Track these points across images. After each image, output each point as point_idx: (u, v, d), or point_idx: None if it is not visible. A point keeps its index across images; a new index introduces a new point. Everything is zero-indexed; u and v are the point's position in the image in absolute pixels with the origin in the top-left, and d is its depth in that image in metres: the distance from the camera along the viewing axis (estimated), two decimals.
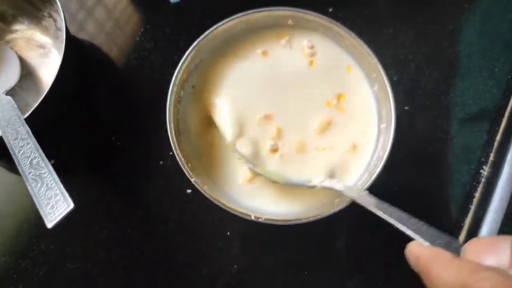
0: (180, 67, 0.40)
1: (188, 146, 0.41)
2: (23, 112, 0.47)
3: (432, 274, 0.24)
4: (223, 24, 0.41)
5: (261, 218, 0.37)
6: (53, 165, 0.46)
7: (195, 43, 0.40)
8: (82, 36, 0.52)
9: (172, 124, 0.39)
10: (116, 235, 0.45)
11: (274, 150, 0.40)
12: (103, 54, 0.51)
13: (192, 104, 0.42)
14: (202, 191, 0.37)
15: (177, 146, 0.38)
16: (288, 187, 0.40)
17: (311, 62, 0.43)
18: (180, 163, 0.38)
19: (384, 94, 0.39)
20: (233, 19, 0.42)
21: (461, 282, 0.22)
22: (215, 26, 0.41)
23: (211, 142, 0.42)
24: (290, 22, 0.43)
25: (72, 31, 0.52)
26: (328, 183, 0.38)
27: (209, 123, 0.42)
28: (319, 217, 0.36)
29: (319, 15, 0.41)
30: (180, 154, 0.38)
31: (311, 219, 0.36)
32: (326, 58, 0.43)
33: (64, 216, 0.30)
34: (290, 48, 0.43)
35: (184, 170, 0.38)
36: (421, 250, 0.26)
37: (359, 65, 0.42)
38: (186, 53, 0.40)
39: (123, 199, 0.47)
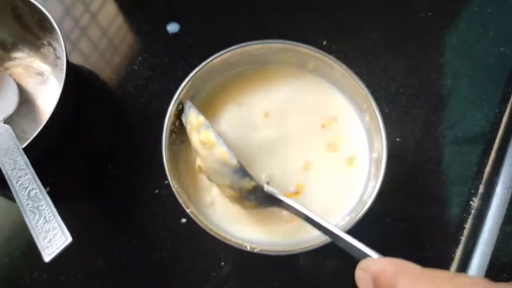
0: (176, 99, 0.40)
1: (184, 175, 0.41)
2: (20, 140, 0.47)
3: None
4: (218, 56, 0.42)
5: (257, 248, 0.37)
6: (48, 193, 0.46)
7: (190, 75, 0.41)
8: (81, 64, 0.53)
9: (167, 155, 0.39)
10: (111, 263, 0.45)
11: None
12: (101, 82, 0.52)
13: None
14: (197, 222, 0.37)
15: (172, 177, 0.39)
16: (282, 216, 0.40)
17: None
18: (175, 193, 0.38)
19: (376, 124, 0.40)
20: (228, 51, 0.42)
21: None
22: (210, 58, 0.42)
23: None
24: (281, 55, 0.44)
25: (71, 59, 0.53)
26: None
27: None
28: (314, 247, 0.37)
29: (311, 47, 0.43)
30: (175, 185, 0.38)
31: (306, 249, 0.37)
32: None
33: (62, 250, 0.31)
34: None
35: (180, 201, 0.38)
36: (382, 265, 0.23)
37: (350, 97, 0.43)
38: (181, 86, 0.41)
39: (118, 227, 0.47)
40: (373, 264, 0.24)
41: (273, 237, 0.40)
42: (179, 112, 0.42)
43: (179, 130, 0.42)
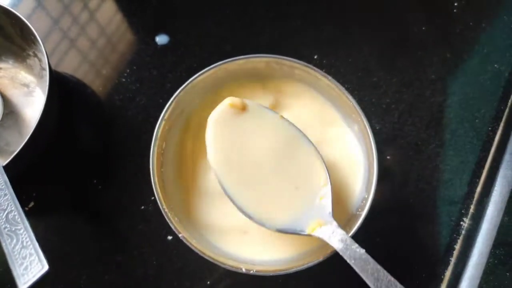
0: (160, 122, 0.39)
1: (172, 196, 0.40)
2: (3, 153, 0.47)
3: None
4: (202, 73, 0.41)
5: (252, 270, 0.36)
6: (32, 208, 0.46)
7: (174, 95, 0.40)
8: (69, 75, 0.52)
9: (156, 178, 0.38)
10: (94, 281, 0.44)
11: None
12: (88, 95, 0.51)
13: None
14: (190, 246, 0.36)
15: (163, 202, 0.37)
16: (276, 236, 0.39)
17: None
18: (166, 218, 0.37)
19: (364, 134, 0.40)
20: (212, 68, 0.41)
21: None
22: (194, 77, 0.41)
23: (198, 192, 0.42)
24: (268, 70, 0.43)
25: (59, 69, 0.52)
26: (324, 233, 0.34)
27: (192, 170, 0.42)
28: (309, 265, 0.36)
29: (296, 60, 0.42)
30: (166, 209, 0.37)
31: (303, 267, 0.36)
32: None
33: (37, 279, 0.30)
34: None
35: (171, 225, 0.36)
36: None
37: (339, 109, 0.43)
38: (166, 106, 0.40)
39: (103, 243, 0.46)
40: None
41: (268, 252, 0.40)
42: (166, 133, 0.41)
43: (166, 151, 0.41)
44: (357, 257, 0.32)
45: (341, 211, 0.40)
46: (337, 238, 0.33)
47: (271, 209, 0.36)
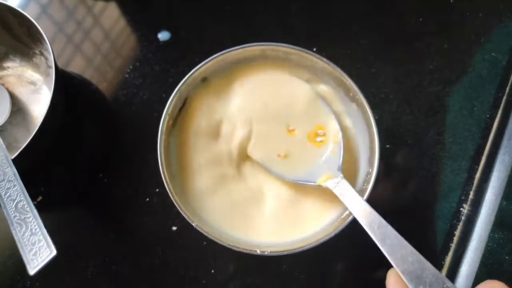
0: (164, 117, 0.40)
1: (180, 187, 0.41)
2: (12, 149, 0.48)
3: None
4: (201, 66, 0.42)
5: (267, 251, 0.36)
6: (40, 202, 0.47)
7: (176, 89, 0.41)
8: (74, 73, 0.54)
9: (165, 171, 0.39)
10: (102, 272, 0.45)
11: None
12: (92, 91, 0.52)
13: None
14: (205, 234, 0.36)
15: (175, 195, 0.38)
16: (286, 219, 0.41)
17: None
18: (179, 208, 0.37)
19: (363, 110, 0.41)
20: (210, 60, 0.43)
21: None
22: (194, 69, 0.42)
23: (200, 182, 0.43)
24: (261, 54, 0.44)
25: (66, 68, 0.53)
26: (331, 183, 0.38)
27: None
28: (321, 241, 0.36)
29: (291, 46, 0.43)
30: (179, 202, 0.38)
31: (315, 243, 0.36)
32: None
33: (46, 263, 0.31)
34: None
35: (184, 215, 0.37)
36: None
37: (337, 92, 0.44)
38: (169, 100, 0.41)
39: (109, 235, 0.47)
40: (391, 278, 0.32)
41: (275, 236, 0.40)
42: (170, 128, 0.42)
43: (172, 144, 0.42)
44: (356, 204, 0.36)
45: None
46: (340, 187, 0.37)
47: (290, 164, 0.41)
